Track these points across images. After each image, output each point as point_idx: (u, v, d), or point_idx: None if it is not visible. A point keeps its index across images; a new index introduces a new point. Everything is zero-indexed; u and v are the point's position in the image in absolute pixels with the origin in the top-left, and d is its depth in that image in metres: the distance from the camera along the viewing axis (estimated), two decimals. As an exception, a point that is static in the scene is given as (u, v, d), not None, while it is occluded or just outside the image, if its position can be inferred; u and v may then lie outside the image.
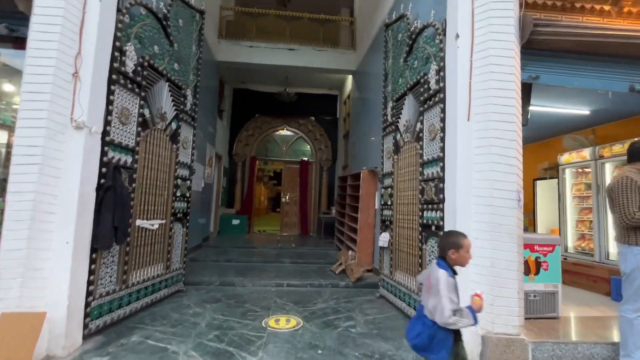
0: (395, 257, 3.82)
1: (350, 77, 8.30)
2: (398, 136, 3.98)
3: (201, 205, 6.53)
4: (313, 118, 9.68)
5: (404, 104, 3.86)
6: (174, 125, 3.83)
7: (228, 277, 4.64)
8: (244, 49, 7.28)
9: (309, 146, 9.91)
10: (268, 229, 10.70)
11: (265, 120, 9.58)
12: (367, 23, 6.58)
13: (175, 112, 3.84)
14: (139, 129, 3.19)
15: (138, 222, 3.24)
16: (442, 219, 2.89)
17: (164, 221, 3.67)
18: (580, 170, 4.95)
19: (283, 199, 9.84)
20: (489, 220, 2.45)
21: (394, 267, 3.85)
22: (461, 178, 2.66)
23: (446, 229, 2.76)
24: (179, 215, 4.01)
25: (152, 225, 3.46)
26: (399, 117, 3.96)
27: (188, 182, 4.20)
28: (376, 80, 5.16)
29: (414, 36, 3.58)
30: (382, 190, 4.36)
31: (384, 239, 4.11)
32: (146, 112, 3.33)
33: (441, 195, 2.91)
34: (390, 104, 4.30)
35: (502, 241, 2.42)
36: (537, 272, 3.05)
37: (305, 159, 9.76)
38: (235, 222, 8.55)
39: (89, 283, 2.61)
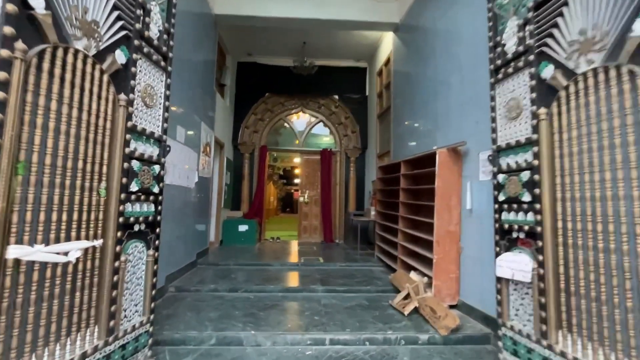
0: (567, 307, 1.91)
1: (386, 42, 6.40)
2: (546, 71, 2.08)
3: (195, 206, 4.70)
4: (337, 97, 7.80)
5: (566, 3, 1.96)
6: (120, 57, 2.00)
7: (231, 325, 2.79)
8: (249, -3, 5.44)
9: (331, 132, 8.04)
10: (282, 234, 8.86)
11: (277, 100, 7.74)
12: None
13: (123, 31, 2.01)
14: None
15: (17, 252, 1.41)
16: None
17: (98, 242, 1.84)
18: None
19: (301, 198, 7.98)
20: None
21: (553, 325, 1.95)
22: None
23: None
24: (136, 227, 2.17)
25: (67, 253, 1.63)
26: (546, 37, 2.07)
27: (155, 167, 2.36)
28: (435, 27, 3.27)
29: None
30: (500, 176, 2.47)
31: (517, 265, 2.21)
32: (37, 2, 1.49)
33: None
34: (512, 22, 2.40)
35: None
36: None
37: (328, 148, 7.90)
38: (243, 228, 6.73)
39: None
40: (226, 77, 6.68)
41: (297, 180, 28.56)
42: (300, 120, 8.09)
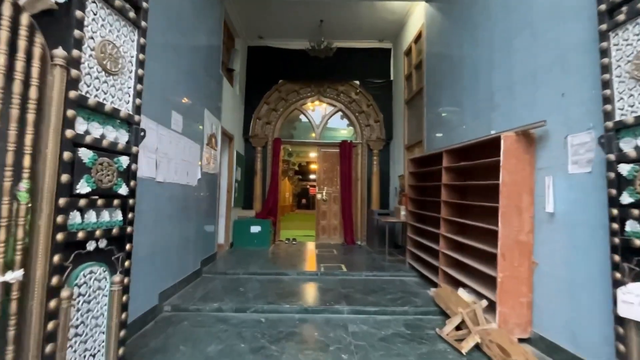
0: None
1: (415, 15, 5.55)
2: None
3: (199, 207, 4.06)
4: (357, 82, 7.00)
5: None
6: (52, -9, 1.31)
7: (234, 368, 2.12)
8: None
9: (351, 123, 7.26)
10: (298, 234, 8.20)
11: (291, 88, 7.01)
12: None
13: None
14: None
15: None
16: None
17: (11, 276, 1.18)
18: None
19: (319, 195, 7.27)
20: None
21: None
22: None
23: None
24: (91, 245, 1.51)
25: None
26: None
27: (122, 160, 1.68)
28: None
29: None
30: (623, 167, 1.66)
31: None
32: None
33: None
34: None
35: None
36: None
37: (348, 140, 7.12)
38: (255, 229, 6.08)
39: None
40: (235, 62, 6.01)
41: (313, 176, 27.96)
42: (316, 111, 7.35)
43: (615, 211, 1.68)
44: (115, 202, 1.63)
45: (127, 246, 1.72)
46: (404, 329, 2.80)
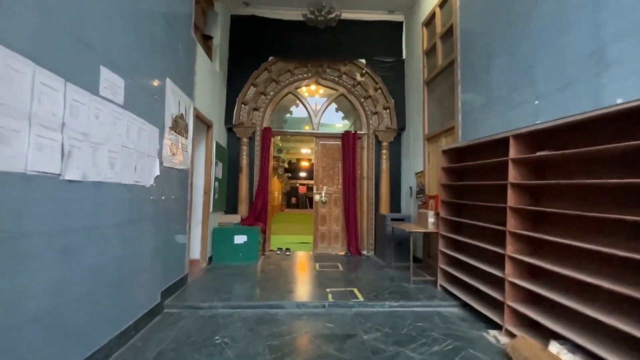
0: None
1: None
2: None
3: (158, 215, 2.84)
4: (363, 61, 5.86)
5: None
6: None
7: None
8: None
9: (355, 109, 6.12)
10: (292, 242, 7.01)
11: (284, 67, 5.81)
12: None
13: None
14: None
15: None
16: None
17: None
18: None
19: (317, 197, 6.10)
20: None
21: None
22: None
23: None
24: None
25: None
26: None
27: None
28: None
29: None
30: None
31: None
32: None
33: None
34: None
35: None
36: None
37: (352, 131, 5.99)
38: (240, 239, 4.87)
39: None
40: (213, 28, 4.76)
41: (303, 174, 26.84)
42: (311, 98, 6.17)
43: None
44: None
45: None
46: None
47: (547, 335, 2.22)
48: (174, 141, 3.24)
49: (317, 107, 6.15)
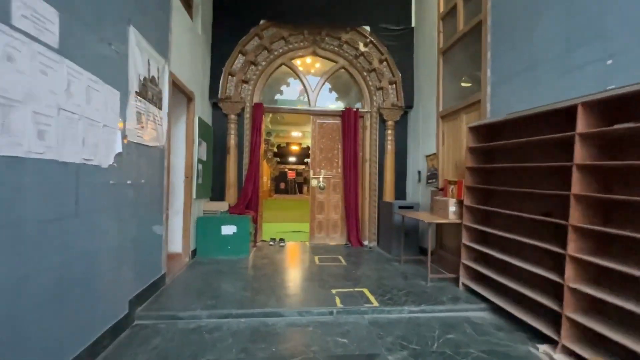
0: None
1: None
2: None
3: (121, 204, 2.19)
4: (368, 29, 5.18)
5: None
6: None
7: None
8: None
9: (356, 84, 5.47)
10: (285, 230, 6.45)
11: (277, 34, 5.07)
12: None
13: None
14: None
15: None
16: None
17: None
18: None
19: (314, 182, 5.50)
20: None
21: None
22: None
23: None
24: None
25: None
26: None
27: None
28: None
29: None
30: None
31: None
32: None
33: None
34: None
35: None
36: None
37: (353, 108, 5.35)
38: (229, 230, 4.26)
39: None
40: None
41: (292, 159, 26.13)
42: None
43: None
44: None
45: None
46: None
47: (621, 354, 1.74)
48: (142, 111, 2.56)
49: (313, 84, 5.47)
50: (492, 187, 2.86)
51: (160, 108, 2.93)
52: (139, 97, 2.49)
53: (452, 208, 3.29)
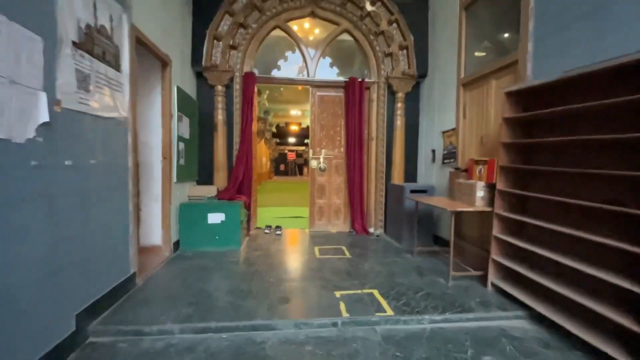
0: None
1: None
2: None
3: (49, 193, 1.62)
4: (375, -17, 4.44)
5: None
6: None
7: None
8: None
9: (362, 50, 4.79)
10: (282, 215, 5.94)
11: (270, -10, 4.34)
12: None
13: None
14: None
15: None
16: None
17: None
18: None
19: (314, 162, 4.92)
20: None
21: None
22: None
23: None
24: None
25: None
26: None
27: None
28: None
29: None
30: None
31: None
32: None
33: None
34: None
35: None
36: None
37: (359, 78, 4.69)
38: (216, 218, 3.73)
39: None
40: None
41: (292, 140, 25.41)
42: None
43: None
44: None
45: None
46: None
47: None
48: (87, 69, 1.95)
49: (312, 52, 4.77)
50: (538, 167, 2.28)
51: (118, 70, 2.31)
52: (80, 51, 1.87)
53: (480, 193, 2.72)
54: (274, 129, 17.83)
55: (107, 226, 2.21)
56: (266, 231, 4.70)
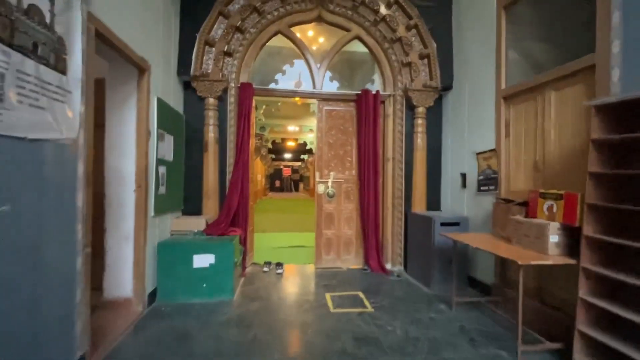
0: None
1: None
2: None
3: None
4: (392, -17, 3.90)
5: None
6: None
7: None
8: None
9: (374, 60, 4.20)
10: (282, 244, 5.19)
11: (271, -11, 3.77)
12: None
13: None
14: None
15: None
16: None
17: None
18: None
19: (321, 188, 4.23)
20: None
21: None
22: None
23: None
24: None
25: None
26: None
27: None
28: None
29: None
30: None
31: None
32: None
33: None
34: None
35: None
36: None
37: (372, 90, 4.08)
38: (203, 261, 2.98)
39: None
40: None
41: (287, 155, 24.82)
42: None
43: None
44: None
45: None
46: None
47: None
48: (1, 67, 1.27)
49: (318, 62, 4.17)
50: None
51: (62, 72, 1.64)
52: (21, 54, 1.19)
53: (555, 238, 2.05)
54: (269, 145, 17.23)
55: (33, 299, 1.48)
56: (265, 269, 3.95)
